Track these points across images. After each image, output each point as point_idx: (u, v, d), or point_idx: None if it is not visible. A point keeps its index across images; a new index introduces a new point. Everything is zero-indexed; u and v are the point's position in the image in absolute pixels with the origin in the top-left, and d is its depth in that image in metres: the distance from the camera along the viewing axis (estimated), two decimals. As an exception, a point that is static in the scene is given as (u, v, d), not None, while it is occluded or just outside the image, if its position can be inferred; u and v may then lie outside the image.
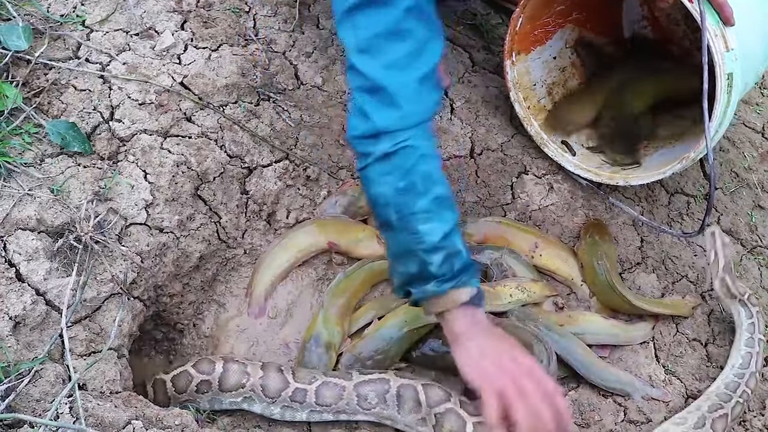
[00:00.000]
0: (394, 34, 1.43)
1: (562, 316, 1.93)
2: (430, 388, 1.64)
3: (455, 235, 1.48)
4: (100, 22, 1.89)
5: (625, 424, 1.79)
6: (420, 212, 1.45)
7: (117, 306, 1.58)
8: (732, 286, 1.91)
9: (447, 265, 1.46)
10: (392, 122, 1.45)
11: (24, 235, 1.51)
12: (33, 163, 1.62)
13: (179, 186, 1.76)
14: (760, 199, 2.29)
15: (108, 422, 1.37)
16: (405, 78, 1.44)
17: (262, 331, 1.86)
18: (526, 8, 2.00)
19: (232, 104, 1.93)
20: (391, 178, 1.46)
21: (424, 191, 1.46)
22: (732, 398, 1.78)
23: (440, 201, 1.48)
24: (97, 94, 1.77)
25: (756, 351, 1.87)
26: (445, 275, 1.47)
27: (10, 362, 1.39)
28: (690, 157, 1.86)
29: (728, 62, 1.76)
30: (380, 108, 1.45)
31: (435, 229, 1.45)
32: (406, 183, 1.45)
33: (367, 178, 1.51)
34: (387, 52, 1.44)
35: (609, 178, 2.06)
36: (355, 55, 1.46)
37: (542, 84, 2.24)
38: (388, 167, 1.46)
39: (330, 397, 1.62)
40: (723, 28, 1.77)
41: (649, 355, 1.92)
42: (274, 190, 1.94)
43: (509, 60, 2.09)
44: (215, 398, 1.64)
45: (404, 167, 1.45)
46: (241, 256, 1.91)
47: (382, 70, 1.44)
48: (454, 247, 1.47)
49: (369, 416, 1.65)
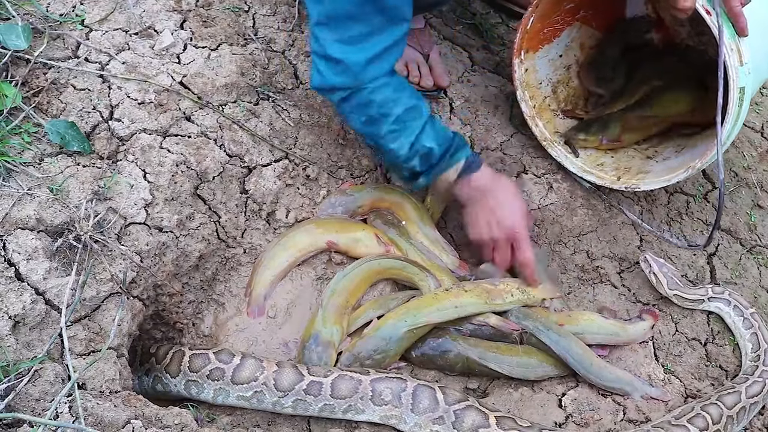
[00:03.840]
0: (350, 16, 1.66)
1: (562, 315, 1.93)
2: (447, 389, 1.66)
3: (424, 137, 1.81)
4: (100, 21, 1.89)
5: (624, 424, 1.79)
6: (387, 134, 1.78)
7: (116, 305, 1.58)
8: (689, 295, 1.94)
9: (425, 162, 1.84)
10: (339, 83, 1.73)
11: (23, 235, 1.51)
12: (32, 162, 1.62)
13: (179, 185, 1.76)
14: (759, 199, 2.29)
15: (107, 421, 1.37)
16: (354, 56, 1.69)
17: (262, 330, 1.86)
18: (539, 6, 2.00)
19: (231, 104, 1.93)
20: (354, 115, 1.78)
21: (385, 117, 1.76)
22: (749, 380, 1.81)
23: (401, 118, 1.77)
24: (96, 94, 1.77)
25: (757, 326, 1.89)
26: (428, 169, 1.86)
27: (10, 361, 1.39)
28: (696, 166, 1.86)
29: (742, 76, 1.77)
30: (331, 72, 1.72)
31: (403, 143, 1.79)
32: (366, 116, 1.77)
33: (341, 116, 1.89)
34: (343, 30, 1.67)
35: (612, 183, 2.06)
36: (316, 25, 1.70)
37: (548, 82, 2.24)
38: (348, 107, 1.77)
39: (345, 390, 1.63)
40: (738, 41, 1.77)
41: (648, 355, 1.92)
42: (273, 190, 1.94)
43: (518, 58, 2.09)
44: (223, 389, 1.65)
45: (360, 105, 1.75)
46: (240, 256, 1.91)
47: (335, 43, 1.68)
48: (423, 149, 1.81)
49: (375, 414, 1.65)
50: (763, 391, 1.79)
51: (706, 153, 1.85)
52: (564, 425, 1.77)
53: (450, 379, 1.86)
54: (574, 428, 1.77)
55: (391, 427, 1.67)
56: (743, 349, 1.92)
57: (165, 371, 1.68)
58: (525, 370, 1.84)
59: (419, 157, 1.82)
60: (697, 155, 1.89)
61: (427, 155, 1.83)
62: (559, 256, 2.07)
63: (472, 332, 1.87)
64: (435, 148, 1.82)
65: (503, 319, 1.88)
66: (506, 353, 1.85)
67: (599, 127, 2.16)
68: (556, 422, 1.77)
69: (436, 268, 1.94)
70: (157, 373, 1.70)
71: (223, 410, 1.69)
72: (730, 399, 1.75)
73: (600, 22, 2.30)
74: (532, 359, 1.85)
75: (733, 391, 1.77)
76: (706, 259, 2.11)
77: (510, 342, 1.87)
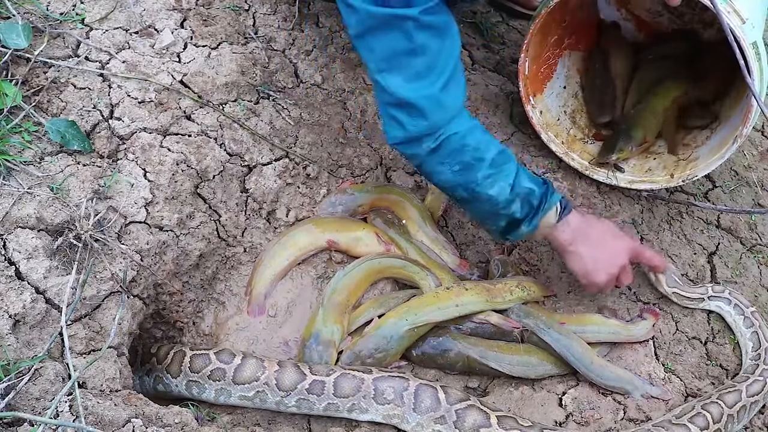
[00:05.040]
0: (408, 52, 1.54)
1: (564, 314, 1.93)
2: (449, 389, 1.66)
3: (521, 179, 1.68)
4: (100, 20, 1.89)
5: (625, 422, 1.79)
6: (483, 180, 1.64)
7: (117, 304, 1.58)
8: (688, 293, 1.94)
9: (527, 206, 1.70)
10: (425, 128, 1.59)
11: (24, 234, 1.51)
12: (32, 161, 1.62)
13: (179, 184, 1.76)
14: (759, 197, 2.29)
15: (108, 420, 1.37)
16: (427, 90, 1.56)
17: (262, 329, 1.86)
18: (529, 50, 2.02)
19: (231, 102, 1.93)
20: (446, 167, 1.63)
21: (479, 162, 1.63)
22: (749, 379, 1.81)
23: (496, 161, 1.65)
24: (96, 93, 1.77)
25: (758, 324, 1.89)
26: (529, 214, 1.71)
27: (10, 360, 1.39)
28: (744, 133, 1.88)
29: (748, 32, 1.78)
30: (411, 118, 1.58)
31: (503, 187, 1.66)
32: (461, 164, 1.62)
33: (426, 173, 1.71)
34: (405, 68, 1.55)
35: (668, 182, 2.06)
36: (377, 73, 1.58)
37: (565, 115, 2.26)
38: (438, 158, 1.62)
39: (348, 389, 1.63)
40: (730, 2, 1.79)
41: (648, 353, 1.92)
42: (273, 189, 1.94)
43: (529, 105, 2.10)
44: (225, 389, 1.65)
45: (453, 152, 1.61)
46: (240, 255, 1.91)
47: (404, 85, 1.56)
48: (524, 190, 1.68)
49: (378, 414, 1.65)
50: (763, 390, 1.79)
51: (745, 118, 1.87)
52: (564, 424, 1.77)
53: (450, 378, 1.86)
54: (574, 427, 1.77)
55: (393, 426, 1.67)
56: (744, 348, 1.92)
57: (166, 371, 1.68)
58: (525, 368, 1.84)
59: (520, 201, 1.69)
60: (736, 125, 1.91)
61: (528, 197, 1.69)
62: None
63: (472, 331, 1.87)
64: (535, 189, 1.70)
65: (504, 318, 1.88)
66: (506, 352, 1.85)
67: (624, 140, 2.15)
68: (557, 421, 1.77)
69: (437, 266, 1.94)
70: (158, 373, 1.70)
71: (224, 409, 1.70)
72: (730, 398, 1.75)
73: (585, 44, 2.33)
74: (533, 358, 1.85)
75: (733, 390, 1.77)
76: (707, 258, 2.11)
77: (511, 340, 1.88)
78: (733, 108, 2.10)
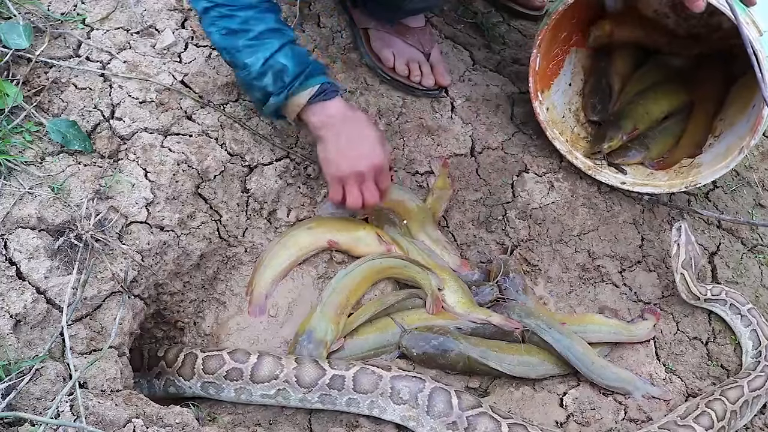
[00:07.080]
0: None
1: (565, 314, 1.93)
2: (462, 394, 1.65)
3: (279, 56, 1.73)
4: (101, 20, 1.89)
5: (626, 423, 1.79)
6: (243, 48, 1.72)
7: (117, 304, 1.58)
8: (692, 285, 1.93)
9: (279, 82, 1.74)
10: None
11: (25, 234, 1.51)
12: (33, 161, 1.62)
13: (180, 184, 1.76)
14: (760, 198, 2.29)
15: (108, 420, 1.37)
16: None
17: (263, 329, 1.86)
18: (542, 46, 2.02)
19: (232, 102, 1.93)
20: (215, 28, 1.73)
21: (244, 32, 1.71)
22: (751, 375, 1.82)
23: (262, 35, 1.72)
24: (97, 93, 1.77)
25: (756, 322, 1.89)
26: (279, 89, 1.75)
27: (11, 360, 1.39)
28: (750, 143, 1.89)
29: (765, 45, 1.79)
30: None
31: (258, 58, 1.72)
32: (227, 30, 1.72)
33: (204, 31, 1.81)
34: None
35: (670, 188, 2.07)
36: None
37: (569, 113, 2.27)
38: (210, 20, 1.72)
39: (367, 384, 1.63)
40: (749, 12, 1.79)
41: (649, 354, 1.92)
42: (274, 189, 1.94)
43: (537, 101, 2.10)
44: (245, 388, 1.64)
45: (223, 17, 1.71)
46: (241, 255, 1.91)
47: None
48: (278, 65, 1.73)
49: (396, 414, 1.64)
50: (765, 385, 1.80)
51: (753, 129, 1.87)
52: (565, 424, 1.77)
53: (451, 378, 1.85)
54: (575, 427, 1.77)
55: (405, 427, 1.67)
56: (744, 347, 1.92)
57: (178, 374, 1.67)
58: (526, 368, 1.84)
59: (273, 75, 1.73)
60: (742, 133, 1.92)
61: (280, 73, 1.73)
62: (561, 255, 2.07)
63: (473, 331, 1.87)
64: (290, 67, 1.73)
65: (505, 317, 1.88)
66: (507, 352, 1.85)
67: (614, 129, 2.17)
68: (557, 421, 1.77)
69: (438, 267, 1.94)
70: (169, 376, 1.69)
71: (225, 409, 1.69)
72: (732, 393, 1.76)
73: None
74: (534, 358, 1.85)
75: (735, 386, 1.77)
76: (708, 258, 2.11)
77: (512, 341, 1.88)
78: (738, 115, 2.10)
